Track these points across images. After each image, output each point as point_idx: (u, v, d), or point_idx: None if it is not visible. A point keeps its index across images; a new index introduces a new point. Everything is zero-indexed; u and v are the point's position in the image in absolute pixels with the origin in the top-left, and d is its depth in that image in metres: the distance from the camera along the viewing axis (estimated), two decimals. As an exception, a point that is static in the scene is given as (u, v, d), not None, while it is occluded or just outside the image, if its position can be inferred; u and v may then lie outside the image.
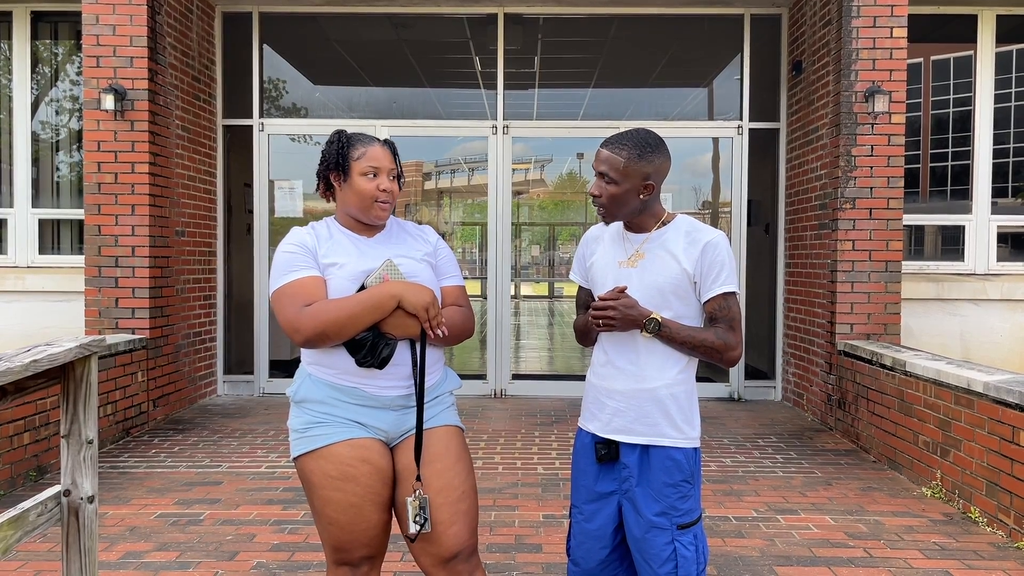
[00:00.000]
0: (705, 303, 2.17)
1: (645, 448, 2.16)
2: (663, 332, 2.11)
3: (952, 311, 6.70)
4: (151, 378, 5.92)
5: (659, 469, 2.14)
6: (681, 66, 7.53)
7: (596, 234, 2.37)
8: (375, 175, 2.18)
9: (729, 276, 2.15)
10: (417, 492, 2.11)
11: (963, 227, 6.94)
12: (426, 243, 2.34)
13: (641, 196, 2.15)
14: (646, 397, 2.16)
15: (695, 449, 2.20)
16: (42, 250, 6.97)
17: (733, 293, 2.16)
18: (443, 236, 2.41)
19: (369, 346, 2.09)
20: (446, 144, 7.77)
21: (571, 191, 8.57)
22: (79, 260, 6.48)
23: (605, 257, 2.27)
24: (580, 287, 2.43)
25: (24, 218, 6.93)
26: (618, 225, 2.29)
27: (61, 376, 2.16)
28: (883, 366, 5.15)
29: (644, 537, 2.13)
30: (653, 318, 2.10)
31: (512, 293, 7.45)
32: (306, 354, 2.21)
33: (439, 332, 2.13)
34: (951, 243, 7.00)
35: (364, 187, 2.17)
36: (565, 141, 7.77)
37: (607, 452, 2.19)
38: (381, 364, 2.11)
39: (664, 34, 7.36)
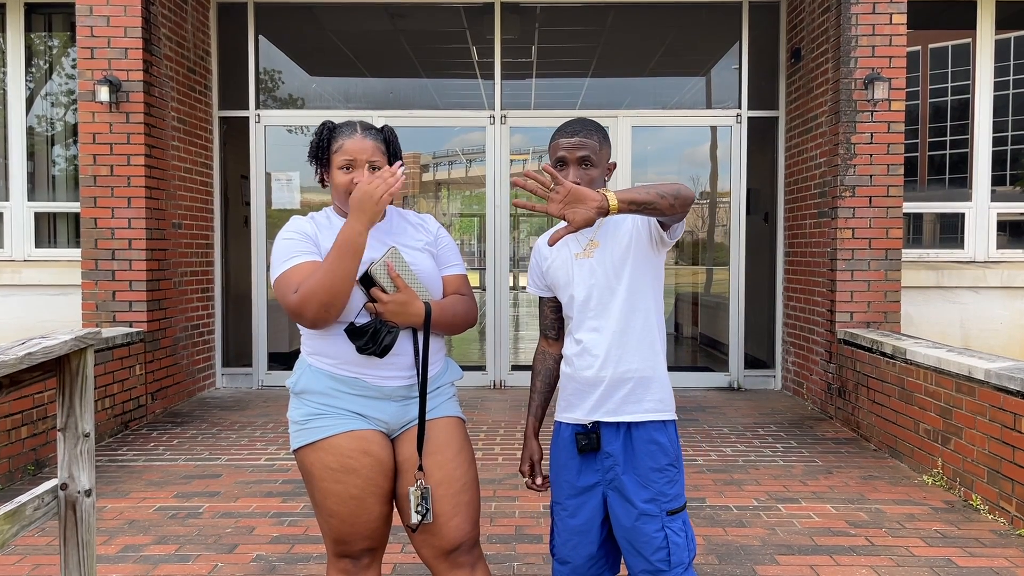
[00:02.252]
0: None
1: (628, 433, 2.14)
2: (622, 198, 1.87)
3: (952, 299, 6.69)
4: (149, 371, 5.90)
5: (644, 454, 2.13)
6: (679, 54, 7.49)
7: (546, 242, 2.33)
8: (350, 168, 2.15)
9: None
10: (419, 482, 2.09)
11: (963, 215, 6.92)
12: (427, 232, 2.31)
13: (606, 179, 2.22)
14: (632, 379, 2.14)
15: (675, 425, 2.20)
16: (38, 243, 6.94)
17: None
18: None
19: (371, 333, 2.07)
20: (444, 135, 7.73)
21: (569, 181, 8.49)
22: (76, 253, 6.45)
23: (561, 256, 2.25)
24: (542, 302, 2.40)
25: (20, 212, 6.89)
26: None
27: (56, 369, 2.15)
28: (883, 354, 5.14)
29: (634, 526, 2.10)
30: (603, 194, 1.86)
31: (511, 284, 7.43)
32: (306, 345, 2.19)
33: (398, 174, 2.05)
34: (950, 231, 6.98)
35: (339, 181, 2.15)
36: (563, 131, 7.72)
37: (588, 442, 2.16)
38: (382, 352, 2.08)
39: (662, 22, 7.32)
